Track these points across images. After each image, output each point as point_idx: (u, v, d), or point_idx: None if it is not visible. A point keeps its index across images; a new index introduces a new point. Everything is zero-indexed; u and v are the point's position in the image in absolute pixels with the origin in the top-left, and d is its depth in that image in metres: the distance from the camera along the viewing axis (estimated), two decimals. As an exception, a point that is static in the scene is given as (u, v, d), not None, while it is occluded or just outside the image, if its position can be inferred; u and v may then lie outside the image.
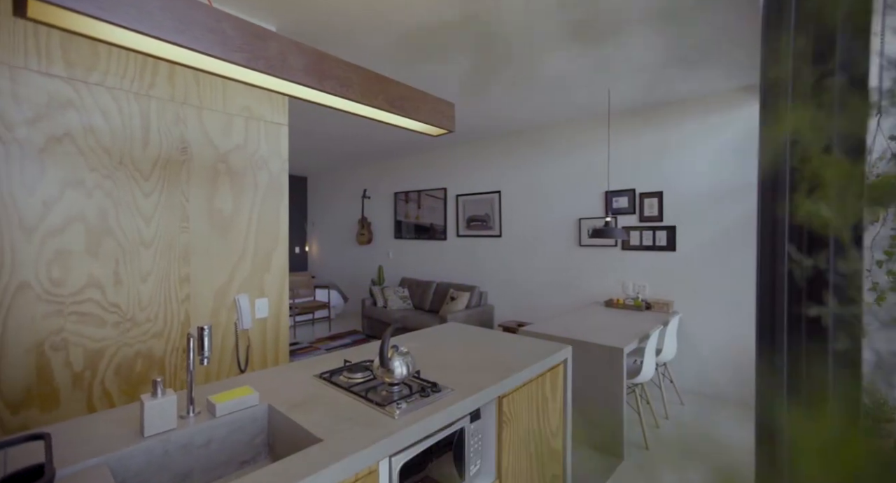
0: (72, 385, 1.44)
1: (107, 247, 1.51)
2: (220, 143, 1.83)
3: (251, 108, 1.94)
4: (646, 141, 3.51)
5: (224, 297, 1.86)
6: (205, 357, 0.94)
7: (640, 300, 3.34)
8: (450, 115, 1.55)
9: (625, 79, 2.84)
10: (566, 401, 1.71)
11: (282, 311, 2.09)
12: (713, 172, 3.17)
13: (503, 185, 4.56)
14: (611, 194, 3.68)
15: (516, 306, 4.44)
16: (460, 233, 4.98)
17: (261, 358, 2.00)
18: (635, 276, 3.58)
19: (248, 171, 1.94)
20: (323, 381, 1.28)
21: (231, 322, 1.88)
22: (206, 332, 0.92)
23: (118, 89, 1.53)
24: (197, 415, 1.01)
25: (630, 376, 2.42)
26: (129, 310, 1.56)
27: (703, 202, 3.21)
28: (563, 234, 4.05)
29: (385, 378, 1.17)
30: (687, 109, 3.28)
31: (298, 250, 7.53)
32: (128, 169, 1.56)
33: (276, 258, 2.06)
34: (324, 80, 1.10)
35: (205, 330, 0.92)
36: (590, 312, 3.22)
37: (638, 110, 3.53)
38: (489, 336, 1.89)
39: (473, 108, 3.53)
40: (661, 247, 3.41)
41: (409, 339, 1.85)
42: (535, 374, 1.48)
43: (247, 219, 1.94)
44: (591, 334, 2.51)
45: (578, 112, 3.64)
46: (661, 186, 3.44)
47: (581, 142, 3.92)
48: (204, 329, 0.92)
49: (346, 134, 4.41)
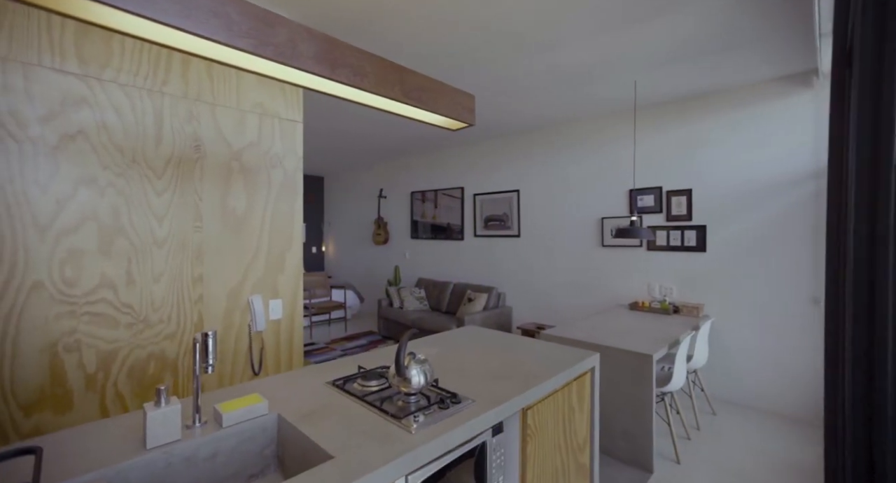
0: (85, 387, 1.41)
1: (119, 246, 1.49)
2: (233, 140, 1.80)
3: (265, 105, 1.90)
4: (673, 136, 3.34)
5: (237, 298, 1.82)
6: (209, 365, 0.88)
7: (667, 303, 3.18)
8: (470, 107, 1.46)
9: (652, 70, 2.69)
10: (594, 412, 1.60)
11: (296, 313, 2.04)
12: (747, 168, 2.98)
13: (522, 183, 4.45)
14: (635, 192, 3.52)
15: (535, 308, 4.32)
16: (478, 233, 4.89)
17: (275, 360, 1.96)
18: (662, 278, 3.42)
19: (261, 169, 1.90)
20: (336, 389, 1.21)
21: (245, 324, 1.84)
22: (210, 339, 0.86)
23: (131, 86, 1.50)
24: (203, 425, 0.95)
25: (659, 384, 2.28)
26: (141, 310, 1.54)
27: (736, 200, 3.03)
28: (585, 234, 3.91)
29: (401, 387, 1.09)
30: (718, 101, 3.10)
31: (315, 250, 7.56)
32: (140, 167, 1.53)
33: (290, 258, 2.01)
34: (336, 69, 1.03)
35: (209, 336, 0.86)
36: (614, 316, 3.08)
37: (665, 103, 3.36)
38: (510, 341, 1.80)
39: (492, 105, 3.43)
40: (690, 247, 3.24)
41: (427, 345, 1.78)
42: (561, 383, 1.38)
43: (260, 218, 1.90)
44: (617, 339, 2.38)
45: (601, 107, 3.49)
46: (689, 184, 3.27)
47: (604, 138, 3.77)
48: (208, 335, 0.86)
49: (362, 132, 4.37)
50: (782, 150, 2.82)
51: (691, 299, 3.26)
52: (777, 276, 2.84)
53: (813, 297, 2.68)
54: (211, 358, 0.88)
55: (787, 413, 2.78)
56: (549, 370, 1.39)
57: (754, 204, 2.95)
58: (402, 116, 1.35)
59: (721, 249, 3.10)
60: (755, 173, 2.94)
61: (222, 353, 1.77)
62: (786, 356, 2.80)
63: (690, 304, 3.14)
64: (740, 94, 3.00)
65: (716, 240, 3.13)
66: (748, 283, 2.98)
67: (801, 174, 2.75)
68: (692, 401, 2.63)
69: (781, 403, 2.81)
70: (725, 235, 3.08)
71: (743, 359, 2.99)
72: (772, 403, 2.85)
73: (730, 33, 2.21)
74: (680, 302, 3.26)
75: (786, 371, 2.80)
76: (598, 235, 3.82)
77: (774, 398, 2.84)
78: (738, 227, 3.02)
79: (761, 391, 2.90)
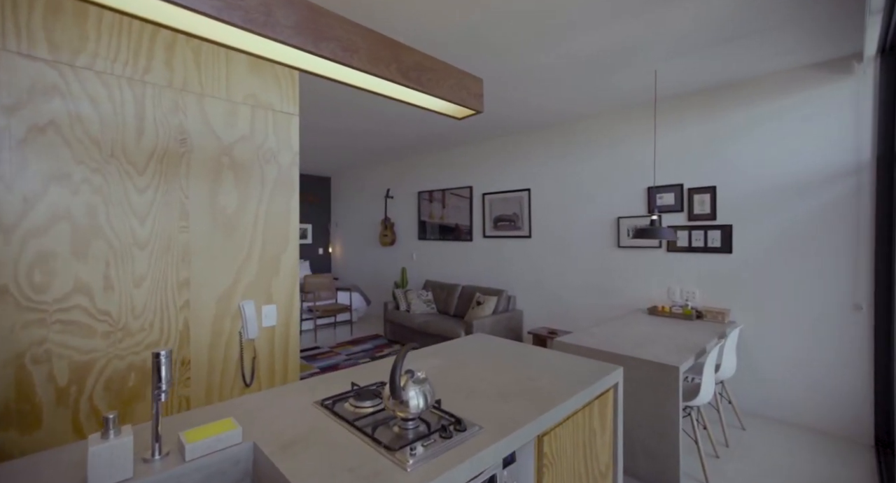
0: (56, 402, 1.29)
1: (96, 248, 1.37)
2: (223, 133, 1.67)
3: (257, 96, 1.77)
4: (695, 130, 3.14)
5: (228, 304, 1.69)
6: (162, 391, 0.74)
7: (689, 308, 2.98)
8: (478, 92, 1.31)
9: (674, 58, 2.50)
10: (617, 434, 1.43)
11: (292, 319, 1.91)
12: (778, 163, 2.77)
13: (533, 182, 4.27)
14: (654, 190, 3.32)
15: (547, 312, 4.14)
16: (487, 233, 4.73)
17: (269, 370, 1.82)
18: (683, 281, 3.21)
19: (254, 165, 1.77)
20: (324, 411, 1.06)
21: (235, 331, 1.71)
22: (162, 359, 0.72)
23: (109, 74, 1.38)
24: (164, 457, 0.82)
25: (685, 398, 2.09)
26: (120, 318, 1.41)
27: (765, 198, 2.82)
28: (600, 235, 3.72)
29: (397, 412, 0.94)
30: (746, 91, 2.89)
31: (322, 251, 7.48)
32: (120, 162, 1.41)
33: (285, 261, 1.88)
34: (321, 43, 0.89)
35: (161, 357, 0.72)
36: (632, 321, 2.89)
37: (687, 95, 3.16)
38: (522, 352, 1.63)
39: (502, 100, 3.27)
40: (715, 248, 3.03)
41: (430, 355, 1.62)
42: (580, 403, 1.22)
43: (253, 217, 1.77)
44: (638, 348, 2.20)
45: (618, 100, 3.31)
46: (713, 180, 3.06)
47: (620, 133, 3.58)
48: (160, 355, 0.72)
49: (368, 129, 4.25)
50: (818, 143, 2.60)
51: (716, 304, 3.05)
52: (813, 280, 2.62)
53: (854, 303, 2.46)
54: (164, 383, 0.74)
55: (824, 429, 2.56)
56: (567, 388, 1.23)
57: (786, 202, 2.73)
58: (400, 101, 1.20)
59: (749, 251, 2.89)
60: (787, 169, 2.73)
61: (211, 364, 1.64)
62: (823, 367, 2.58)
63: (715, 308, 2.93)
64: (771, 83, 2.79)
65: (743, 240, 2.92)
66: (780, 287, 2.76)
67: (839, 169, 2.53)
68: (720, 414, 2.43)
69: (817, 418, 2.59)
70: (754, 236, 2.87)
71: (774, 369, 2.77)
72: (806, 418, 2.63)
73: (761, 14, 2.02)
74: (703, 307, 3.05)
75: (822, 383, 2.58)
76: (613, 236, 3.63)
77: (809, 412, 2.62)
78: (768, 226, 2.80)
79: (794, 405, 2.68)
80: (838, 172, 2.53)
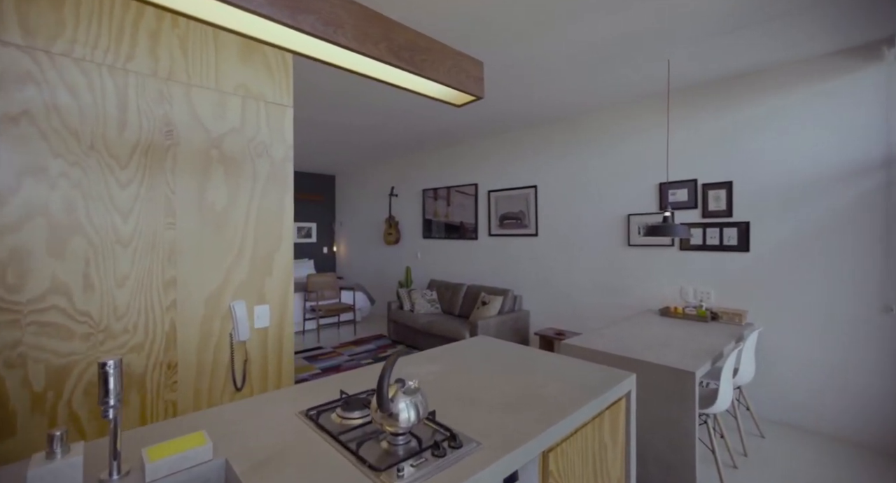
0: (31, 408, 1.22)
1: (75, 246, 1.29)
2: (212, 125, 1.59)
3: (248, 86, 1.69)
4: (710, 123, 3.00)
5: (217, 304, 1.61)
6: (109, 406, 0.65)
7: (703, 309, 2.85)
8: (478, 75, 1.21)
9: (688, 45, 2.37)
10: (629, 446, 1.32)
11: (285, 320, 1.83)
12: (799, 157, 2.62)
13: (539, 179, 4.15)
14: (667, 186, 3.19)
15: (555, 312, 4.02)
16: (492, 232, 4.62)
17: (261, 373, 1.75)
18: (697, 281, 3.08)
19: (245, 159, 1.69)
20: (308, 422, 0.97)
21: (226, 333, 1.64)
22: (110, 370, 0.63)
23: (88, 61, 1.31)
24: (123, 477, 0.73)
25: (702, 405, 1.97)
26: (102, 319, 1.34)
27: (786, 193, 2.67)
28: (609, 233, 3.59)
29: (385, 426, 0.85)
30: (765, 81, 2.75)
31: (326, 250, 7.43)
32: (101, 155, 1.34)
33: (278, 259, 1.80)
34: (299, 15, 0.80)
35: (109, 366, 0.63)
36: (643, 323, 2.77)
37: (701, 85, 3.02)
38: (527, 356, 1.53)
39: (507, 94, 3.16)
40: (731, 247, 2.89)
41: (428, 360, 1.53)
42: (590, 414, 1.11)
43: (244, 214, 1.69)
44: (651, 352, 2.08)
45: (629, 91, 3.18)
46: (729, 175, 2.92)
47: (631, 127, 3.45)
48: (108, 365, 0.64)
49: (369, 124, 4.17)
50: (843, 135, 2.46)
51: (732, 305, 2.91)
52: (837, 280, 2.48)
53: (883, 304, 2.31)
54: (112, 397, 0.65)
55: (849, 437, 2.42)
56: (575, 397, 1.13)
57: (808, 197, 2.58)
58: (392, 85, 1.10)
59: (767, 249, 2.75)
60: (809, 162, 2.58)
61: (199, 367, 1.56)
62: (847, 371, 2.43)
63: (731, 310, 2.79)
64: (792, 72, 2.64)
65: (761, 238, 2.78)
66: (801, 287, 2.61)
67: (867, 163, 2.38)
68: (737, 422, 2.30)
69: (842, 426, 2.45)
70: (773, 233, 2.73)
71: (794, 374, 2.62)
72: (829, 426, 2.49)
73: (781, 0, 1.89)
74: (719, 308, 2.92)
75: (847, 389, 2.44)
76: (623, 234, 3.50)
77: (833, 420, 2.48)
78: (789, 223, 2.66)
79: (817, 411, 2.54)
80: (865, 166, 2.38)
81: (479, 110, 3.63)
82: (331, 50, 0.89)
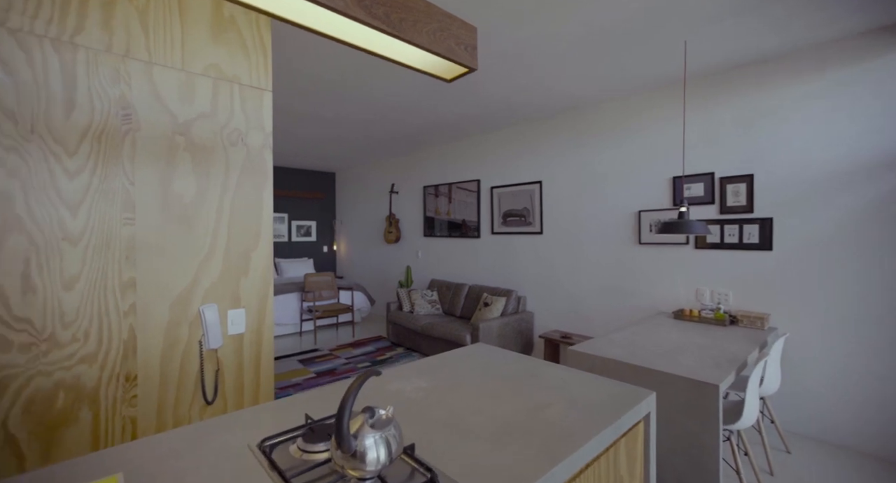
0: (-42, 429, 1.07)
1: (13, 244, 1.14)
2: (178, 109, 1.43)
3: (221, 67, 1.53)
4: (729, 111, 2.79)
5: (185, 308, 1.45)
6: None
7: (722, 312, 2.65)
8: (470, 43, 1.03)
9: (707, 25, 2.17)
10: (649, 477, 1.13)
11: (264, 326, 1.66)
12: (827, 147, 2.41)
13: (544, 174, 3.96)
14: (681, 180, 2.99)
15: (560, 314, 3.83)
16: (495, 230, 4.43)
17: (236, 384, 1.58)
18: (714, 282, 2.87)
19: (217, 147, 1.53)
20: (260, 457, 0.80)
21: (195, 340, 1.47)
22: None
23: (27, 33, 1.15)
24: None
25: (725, 420, 1.78)
26: (45, 327, 1.18)
27: (813, 187, 2.46)
28: (619, 230, 3.39)
29: (347, 469, 0.67)
30: (789, 65, 2.54)
31: (326, 249, 7.29)
32: (44, 140, 1.18)
33: (256, 258, 1.63)
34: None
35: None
36: (656, 326, 2.57)
37: (720, 71, 2.81)
38: (529, 369, 1.35)
39: (509, 84, 2.98)
40: (752, 245, 2.69)
41: (417, 373, 1.35)
42: (604, 445, 0.93)
43: (216, 208, 1.52)
44: (668, 360, 1.89)
45: (640, 79, 2.97)
46: (750, 168, 2.71)
47: (642, 118, 3.24)
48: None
49: (366, 119, 4.00)
50: (878, 123, 2.24)
51: (753, 307, 2.71)
52: (869, 282, 2.27)
53: (925, 308, 2.10)
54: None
55: (885, 455, 2.21)
56: (586, 423, 0.95)
57: (838, 191, 2.37)
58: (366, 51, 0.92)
59: (792, 247, 2.54)
60: (839, 153, 2.37)
61: (164, 378, 1.40)
62: (881, 382, 2.23)
63: (752, 313, 2.59)
64: (819, 55, 2.43)
65: (785, 235, 2.57)
66: (830, 288, 2.40)
67: (906, 151, 2.17)
68: (761, 436, 2.10)
69: (875, 442, 2.24)
70: (798, 230, 2.52)
71: (822, 383, 2.42)
72: (862, 441, 2.28)
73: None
74: (738, 311, 2.71)
75: (881, 401, 2.23)
76: (634, 231, 3.30)
77: (865, 434, 2.27)
78: (816, 219, 2.45)
79: (847, 425, 2.33)
80: (905, 155, 2.17)
81: (480, 102, 3.45)
82: (286, 3, 0.72)
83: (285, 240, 6.72)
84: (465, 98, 3.42)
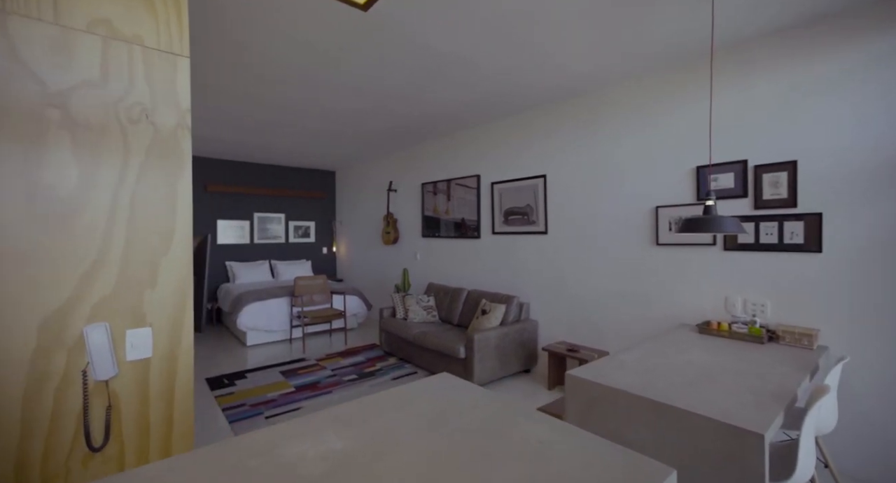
0: None
1: None
2: (49, 75, 1.11)
3: (113, 23, 1.20)
4: (765, 86, 2.35)
5: (61, 331, 1.13)
6: None
7: (757, 326, 2.21)
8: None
9: (743, -26, 1.75)
10: None
11: (180, 348, 1.33)
12: (887, 128, 1.96)
13: (549, 167, 3.56)
14: (706, 170, 2.55)
15: (567, 323, 3.42)
16: (496, 229, 4.05)
17: (139, 423, 1.26)
18: (748, 290, 2.43)
19: (111, 126, 1.20)
20: None
21: (77, 370, 1.15)
22: None
23: None
24: None
25: (773, 476, 1.37)
26: None
27: (870, 175, 2.01)
28: (633, 229, 2.97)
29: None
30: (840, 29, 2.09)
31: (325, 251, 7.01)
32: None
33: (168, 266, 1.31)
34: None
35: None
36: (678, 344, 2.15)
37: (755, 37, 2.37)
38: (501, 421, 0.98)
39: (506, 71, 2.59)
40: (795, 246, 2.24)
41: (333, 426, 1.00)
42: None
43: (108, 203, 1.20)
44: (692, 393, 1.49)
45: (658, 53, 2.55)
46: (792, 154, 2.26)
47: (660, 99, 2.82)
48: None
49: (358, 108, 3.67)
50: (963, 90, 1.78)
51: (798, 321, 2.26)
52: (952, 291, 1.81)
53: None
54: None
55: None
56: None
57: (908, 178, 1.92)
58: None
59: (847, 248, 2.09)
60: (909, 131, 1.91)
61: (27, 423, 1.09)
62: (971, 418, 1.76)
63: (797, 328, 2.15)
64: (874, 14, 1.97)
65: (838, 235, 2.12)
66: (892, 299, 1.95)
67: None
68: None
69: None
70: (854, 228, 2.06)
71: (888, 417, 1.96)
72: (943, 489, 1.82)
73: None
74: (779, 325, 2.27)
75: (969, 441, 1.76)
76: (650, 230, 2.88)
77: (947, 482, 1.81)
78: (877, 214, 2.00)
79: (922, 468, 1.87)
80: None
81: (479, 88, 3.08)
82: None
83: (282, 241, 6.47)
84: (464, 92, 3.07)
